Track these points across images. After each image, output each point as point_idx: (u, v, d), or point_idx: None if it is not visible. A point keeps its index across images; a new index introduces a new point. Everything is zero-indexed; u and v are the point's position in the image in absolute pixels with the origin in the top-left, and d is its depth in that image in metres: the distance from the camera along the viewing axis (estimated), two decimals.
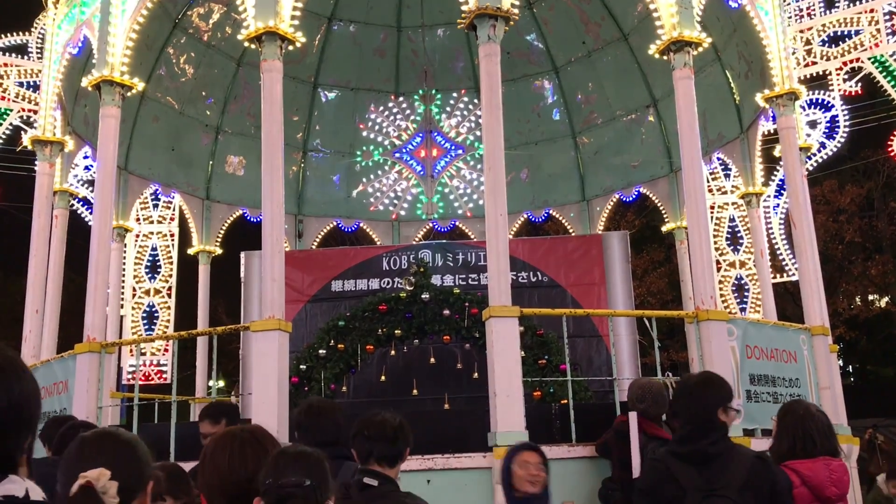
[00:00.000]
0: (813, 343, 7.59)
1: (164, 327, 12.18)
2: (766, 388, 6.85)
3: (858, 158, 22.97)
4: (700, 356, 6.49)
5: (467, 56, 12.16)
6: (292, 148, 12.08)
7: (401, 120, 12.73)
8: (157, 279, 12.34)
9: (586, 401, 7.76)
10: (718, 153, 10.49)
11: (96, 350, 6.82)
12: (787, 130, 8.32)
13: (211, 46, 10.92)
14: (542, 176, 12.61)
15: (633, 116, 11.77)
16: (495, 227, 6.21)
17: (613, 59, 11.47)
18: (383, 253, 11.05)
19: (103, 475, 1.82)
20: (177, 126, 11.14)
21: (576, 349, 9.53)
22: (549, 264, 10.91)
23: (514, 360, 5.98)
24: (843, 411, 7.84)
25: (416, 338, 8.59)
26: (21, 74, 10.51)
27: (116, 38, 7.49)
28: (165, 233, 12.50)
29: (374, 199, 12.84)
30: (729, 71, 9.87)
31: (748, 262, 11.67)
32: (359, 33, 11.91)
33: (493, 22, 6.49)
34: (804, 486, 3.50)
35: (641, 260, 22.80)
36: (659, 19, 7.20)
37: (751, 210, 10.25)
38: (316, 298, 10.78)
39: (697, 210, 6.84)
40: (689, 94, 6.98)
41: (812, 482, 3.51)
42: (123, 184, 10.32)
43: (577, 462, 5.92)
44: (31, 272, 8.61)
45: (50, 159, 8.98)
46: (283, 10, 6.74)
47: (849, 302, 24.23)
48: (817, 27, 10.59)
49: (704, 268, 6.76)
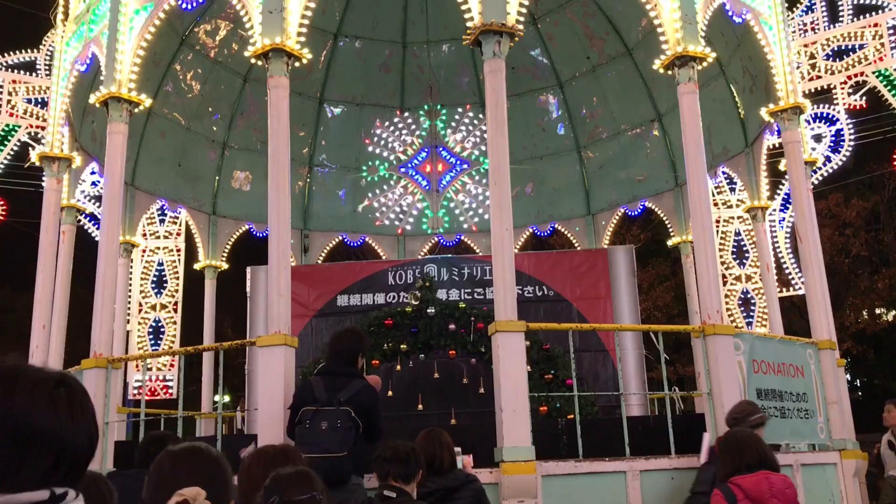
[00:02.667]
0: (820, 357, 7.56)
1: (170, 342, 12.19)
2: (774, 402, 6.82)
3: (864, 172, 22.95)
4: (707, 370, 6.47)
5: (472, 71, 12.21)
6: (298, 163, 12.12)
7: (406, 135, 12.78)
8: (164, 294, 12.37)
9: (593, 416, 7.73)
10: (723, 167, 10.49)
11: (103, 365, 6.83)
12: (793, 144, 8.33)
13: (217, 63, 11.00)
14: (548, 190, 12.63)
15: (638, 131, 11.80)
16: (501, 242, 6.21)
17: (618, 73, 11.51)
18: (389, 267, 11.05)
19: (200, 495, 1.86)
20: (183, 142, 11.20)
21: (582, 364, 9.51)
22: (555, 278, 10.90)
23: (520, 375, 5.96)
24: (851, 426, 7.80)
25: (421, 352, 8.58)
26: (29, 91, 10.59)
27: (124, 55, 7.54)
28: (172, 248, 12.53)
29: (379, 214, 12.87)
30: (733, 85, 9.89)
31: (754, 276, 11.65)
32: (364, 49, 11.98)
33: (498, 38, 6.53)
34: (747, 499, 3.95)
35: (647, 274, 22.77)
36: (663, 34, 7.22)
37: (756, 224, 10.24)
38: (322, 313, 10.78)
39: (703, 224, 6.84)
40: (694, 109, 7.00)
41: (753, 494, 3.95)
42: (130, 199, 10.36)
43: (584, 478, 5.90)
44: (38, 287, 8.64)
45: (57, 175, 9.03)
46: (289, 27, 6.79)
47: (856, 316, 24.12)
48: (821, 41, 10.62)
49: (710, 282, 6.75)
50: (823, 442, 7.29)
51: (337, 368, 5.19)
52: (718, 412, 6.28)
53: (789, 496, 4.00)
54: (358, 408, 4.91)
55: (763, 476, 4.01)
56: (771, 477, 4.02)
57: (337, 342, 5.36)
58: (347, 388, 4.95)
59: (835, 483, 6.97)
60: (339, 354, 5.28)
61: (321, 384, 5.06)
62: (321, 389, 5.02)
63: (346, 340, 5.32)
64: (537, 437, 5.89)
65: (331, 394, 4.95)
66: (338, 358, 5.27)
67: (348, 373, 5.14)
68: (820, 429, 7.29)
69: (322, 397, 4.96)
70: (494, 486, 5.67)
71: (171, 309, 12.33)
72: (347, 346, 5.28)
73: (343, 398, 4.92)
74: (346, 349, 5.27)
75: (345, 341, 5.31)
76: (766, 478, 4.01)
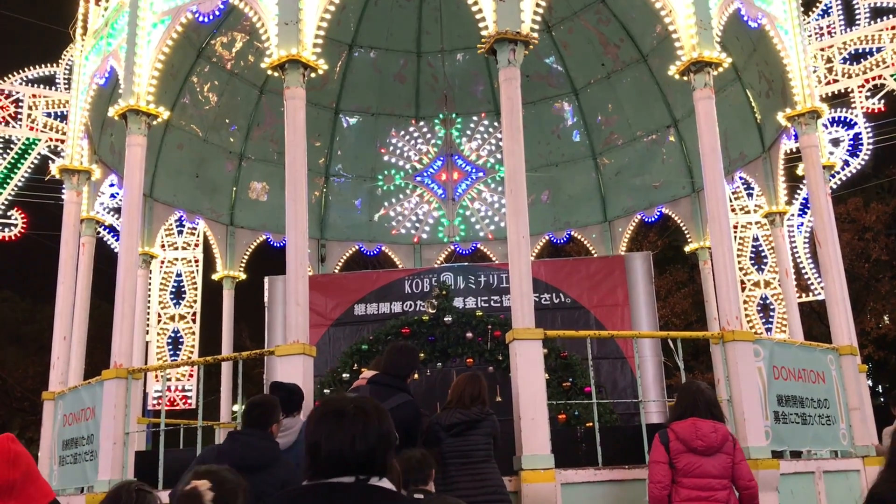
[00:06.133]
0: (841, 363, 7.49)
1: (188, 353, 12.26)
2: (795, 409, 6.76)
3: (883, 176, 22.75)
4: (726, 377, 6.42)
5: (487, 79, 12.23)
6: (314, 173, 12.18)
7: (422, 144, 12.81)
8: (182, 305, 12.45)
9: (612, 423, 7.68)
10: (741, 172, 10.43)
11: (123, 376, 6.87)
12: (810, 149, 8.28)
13: (234, 74, 11.08)
14: (564, 197, 12.61)
15: (654, 137, 11.76)
16: (517, 249, 6.21)
17: (633, 80, 11.49)
18: (405, 276, 11.07)
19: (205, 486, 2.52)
20: (201, 153, 11.29)
21: (600, 371, 9.47)
22: (572, 286, 10.87)
23: (538, 383, 5.95)
24: (874, 432, 7.72)
25: (438, 361, 8.58)
26: (49, 105, 10.71)
27: (142, 68, 7.62)
28: (190, 259, 12.62)
29: (395, 223, 12.89)
30: (749, 90, 9.84)
31: (773, 281, 11.57)
32: (379, 59, 12.04)
33: (513, 46, 6.54)
34: (677, 440, 4.85)
35: (665, 280, 22.65)
36: (678, 40, 7.20)
37: (774, 229, 10.17)
38: (339, 322, 10.81)
39: (721, 230, 6.80)
40: (710, 115, 6.97)
41: (681, 436, 4.83)
42: (149, 211, 10.44)
43: (603, 486, 5.87)
44: (58, 299, 8.71)
45: (77, 188, 9.12)
46: (305, 39, 6.83)
47: (877, 321, 23.85)
48: (838, 45, 10.56)
49: (729, 288, 6.71)
50: (846, 448, 7.22)
51: (388, 380, 5.45)
52: (738, 419, 6.23)
53: (712, 439, 4.79)
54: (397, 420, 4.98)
55: (692, 422, 4.85)
56: (698, 422, 4.84)
57: (395, 355, 5.60)
58: (391, 400, 5.12)
59: (858, 490, 6.88)
60: (394, 367, 5.52)
61: (367, 393, 5.29)
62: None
63: (404, 356, 5.62)
64: (556, 445, 5.88)
65: None
66: (391, 370, 5.52)
67: (397, 385, 5.40)
68: (842, 435, 7.21)
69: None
70: (514, 494, 5.65)
71: (190, 319, 12.41)
72: (404, 362, 5.58)
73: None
74: (403, 364, 5.56)
75: (403, 356, 5.61)
76: (693, 423, 4.84)
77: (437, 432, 5.34)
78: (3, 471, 1.70)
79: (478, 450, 5.27)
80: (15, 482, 1.72)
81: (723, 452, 4.84)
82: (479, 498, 5.08)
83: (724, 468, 4.83)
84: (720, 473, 4.82)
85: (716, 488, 4.82)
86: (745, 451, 6.11)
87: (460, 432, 5.29)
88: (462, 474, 5.19)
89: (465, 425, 5.29)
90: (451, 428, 5.30)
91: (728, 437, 4.90)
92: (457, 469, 5.22)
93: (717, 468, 4.82)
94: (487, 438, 5.32)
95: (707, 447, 4.83)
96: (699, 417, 4.88)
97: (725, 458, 4.84)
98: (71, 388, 8.00)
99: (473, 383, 5.47)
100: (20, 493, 1.71)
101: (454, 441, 5.28)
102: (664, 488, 4.87)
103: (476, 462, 5.24)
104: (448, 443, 5.29)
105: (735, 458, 4.86)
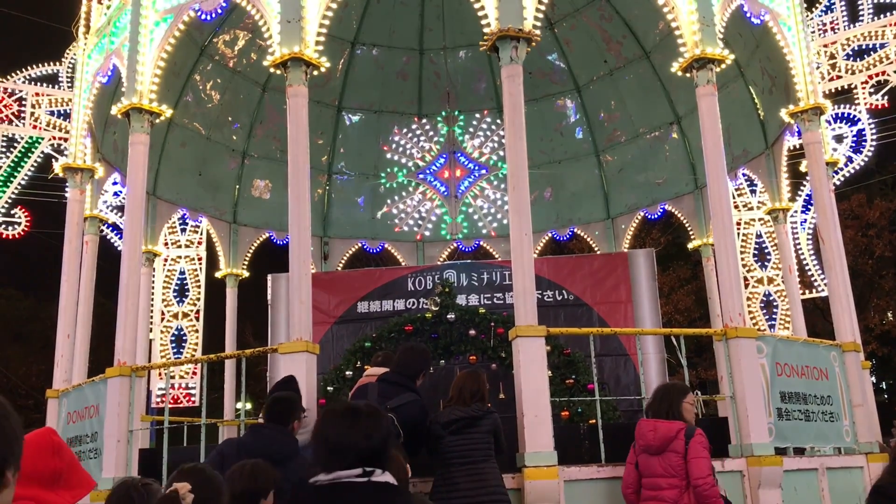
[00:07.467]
0: (844, 360, 7.48)
1: (192, 350, 12.28)
2: (798, 405, 6.75)
3: (887, 172, 22.73)
4: (729, 374, 6.42)
5: (489, 77, 12.22)
6: (317, 171, 12.19)
7: (424, 141, 12.81)
8: (185, 303, 12.46)
9: (615, 420, 7.68)
10: (744, 169, 10.41)
11: (127, 374, 6.88)
12: (813, 145, 8.26)
13: (236, 72, 11.08)
14: (566, 194, 12.61)
15: (657, 134, 11.75)
16: (520, 247, 6.21)
17: (635, 76, 11.48)
18: (408, 274, 11.07)
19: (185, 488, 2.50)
20: (204, 151, 11.29)
21: (603, 368, 9.47)
22: (575, 283, 10.87)
23: (541, 380, 5.95)
24: (877, 429, 7.71)
25: (442, 358, 8.58)
26: (52, 103, 10.73)
27: (145, 66, 7.62)
28: (193, 257, 12.63)
29: (398, 221, 12.90)
30: (752, 87, 9.83)
31: (776, 278, 11.56)
32: (381, 57, 12.03)
33: (516, 43, 6.53)
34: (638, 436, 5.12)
35: (668, 277, 22.65)
36: (681, 37, 7.19)
37: (778, 226, 10.16)
38: (342, 320, 10.81)
39: (724, 226, 6.80)
40: (713, 111, 6.96)
41: (638, 433, 5.14)
42: (152, 209, 10.44)
43: (606, 483, 5.87)
44: (62, 297, 8.73)
45: (80, 186, 9.13)
46: (307, 37, 6.83)
47: (880, 317, 23.84)
48: (841, 41, 10.54)
49: (732, 284, 6.70)
50: (849, 445, 7.21)
51: (397, 379, 5.50)
52: (742, 416, 6.23)
53: (650, 438, 5.01)
54: (402, 418, 5.12)
55: (644, 421, 5.16)
56: (642, 422, 5.16)
57: (407, 355, 5.65)
58: (397, 398, 5.19)
59: (861, 487, 6.87)
60: (405, 366, 5.57)
61: (376, 390, 5.36)
62: (374, 395, 5.32)
63: (415, 356, 5.69)
64: (559, 442, 5.88)
65: (382, 400, 5.18)
66: (402, 369, 5.56)
67: (405, 384, 5.44)
68: (846, 432, 7.21)
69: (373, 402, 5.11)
70: (517, 491, 5.66)
71: (193, 317, 12.43)
72: (414, 362, 5.64)
73: (390, 406, 5.13)
74: (413, 363, 5.63)
75: (414, 356, 5.68)
76: (643, 422, 5.16)
77: (437, 430, 5.32)
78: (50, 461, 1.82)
79: (478, 449, 5.24)
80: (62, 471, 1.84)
81: (671, 451, 4.91)
82: (479, 498, 5.07)
83: (670, 467, 4.89)
84: (665, 472, 4.89)
85: (662, 487, 4.88)
86: (748, 447, 6.13)
87: (460, 429, 5.26)
88: (462, 474, 5.17)
89: (464, 422, 5.27)
90: (450, 425, 5.27)
91: (677, 434, 4.93)
92: (457, 469, 5.19)
93: (663, 467, 4.91)
94: (488, 436, 5.28)
95: (648, 445, 5.01)
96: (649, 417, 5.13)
97: (674, 457, 4.89)
98: (75, 386, 8.02)
99: (473, 380, 5.48)
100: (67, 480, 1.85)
101: (454, 439, 5.24)
102: (627, 486, 5.18)
103: (476, 462, 5.21)
104: (448, 441, 5.26)
105: (689, 454, 4.85)
